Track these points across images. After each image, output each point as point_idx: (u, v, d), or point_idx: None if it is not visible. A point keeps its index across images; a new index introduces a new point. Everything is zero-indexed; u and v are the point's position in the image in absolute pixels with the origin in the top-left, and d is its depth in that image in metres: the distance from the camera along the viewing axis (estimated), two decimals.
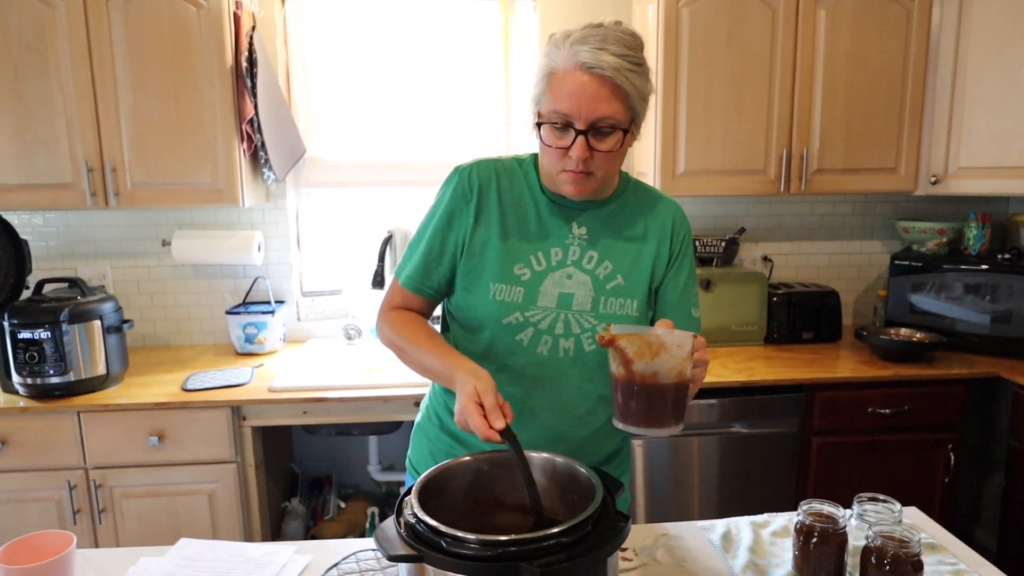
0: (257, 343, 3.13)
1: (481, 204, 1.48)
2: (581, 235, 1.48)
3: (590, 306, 1.46)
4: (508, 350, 1.47)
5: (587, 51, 1.28)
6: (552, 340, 1.46)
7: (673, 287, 1.54)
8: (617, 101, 1.31)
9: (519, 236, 1.47)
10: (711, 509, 2.84)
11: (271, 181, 3.07)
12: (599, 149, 1.33)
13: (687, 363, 1.19)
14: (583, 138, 1.31)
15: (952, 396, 2.81)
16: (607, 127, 1.32)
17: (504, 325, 1.45)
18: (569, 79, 1.30)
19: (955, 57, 2.89)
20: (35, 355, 2.55)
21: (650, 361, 1.17)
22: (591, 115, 1.30)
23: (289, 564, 1.45)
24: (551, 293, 1.45)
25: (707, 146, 2.94)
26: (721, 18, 2.85)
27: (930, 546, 1.47)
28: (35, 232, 3.20)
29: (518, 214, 1.48)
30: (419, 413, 1.72)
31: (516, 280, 1.45)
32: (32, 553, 1.25)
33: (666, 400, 1.20)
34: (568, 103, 1.30)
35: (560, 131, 1.34)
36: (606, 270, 1.48)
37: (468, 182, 1.48)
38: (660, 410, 1.20)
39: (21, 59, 2.67)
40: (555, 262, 1.47)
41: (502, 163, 1.53)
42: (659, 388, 1.18)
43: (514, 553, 0.95)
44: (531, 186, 1.50)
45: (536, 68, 1.39)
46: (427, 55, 3.26)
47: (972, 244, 3.16)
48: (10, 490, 2.60)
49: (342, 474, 3.47)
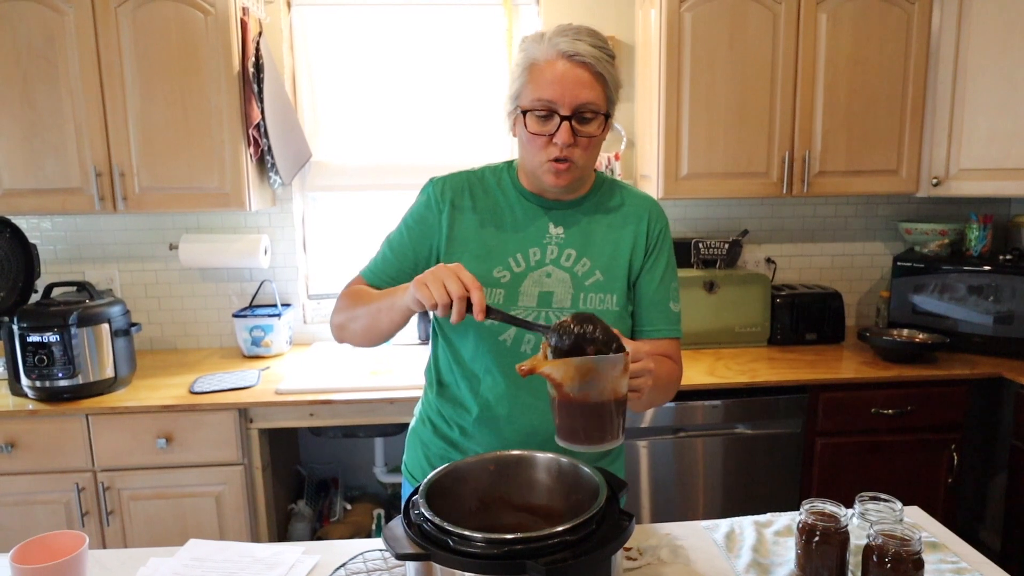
0: (264, 346, 3.15)
1: (454, 215, 1.51)
2: (558, 234, 1.51)
3: (570, 303, 1.48)
4: (493, 352, 1.49)
5: (566, 41, 1.35)
6: (534, 339, 1.48)
7: (649, 280, 1.56)
8: (598, 86, 1.37)
9: (496, 240, 1.50)
10: (715, 509, 2.85)
11: (277, 185, 3.09)
12: (582, 134, 1.38)
13: (621, 380, 1.17)
14: (567, 123, 1.36)
15: (955, 397, 2.82)
16: (589, 113, 1.37)
17: (487, 327, 1.47)
18: (551, 68, 1.35)
19: (955, 60, 2.91)
20: (44, 358, 2.57)
21: (581, 384, 1.15)
22: (575, 100, 1.35)
23: (297, 564, 1.46)
24: (531, 292, 1.48)
25: (710, 149, 2.95)
26: (723, 22, 2.87)
27: (931, 545, 1.48)
28: (44, 236, 3.23)
29: (494, 219, 1.52)
30: (413, 418, 1.72)
31: (496, 283, 1.48)
32: (44, 553, 1.26)
33: (603, 418, 1.18)
34: (552, 90, 1.35)
35: (544, 119, 1.38)
36: (584, 267, 1.50)
37: (441, 193, 1.53)
38: (599, 428, 1.18)
39: (31, 65, 2.70)
40: (534, 262, 1.49)
41: (474, 173, 1.57)
42: (594, 407, 1.16)
43: (520, 551, 0.96)
44: (505, 190, 1.54)
45: (513, 67, 1.44)
46: (431, 60, 3.28)
47: (974, 245, 3.17)
48: (19, 492, 2.62)
49: (348, 476, 3.48)
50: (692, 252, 3.23)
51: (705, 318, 3.13)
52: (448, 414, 1.58)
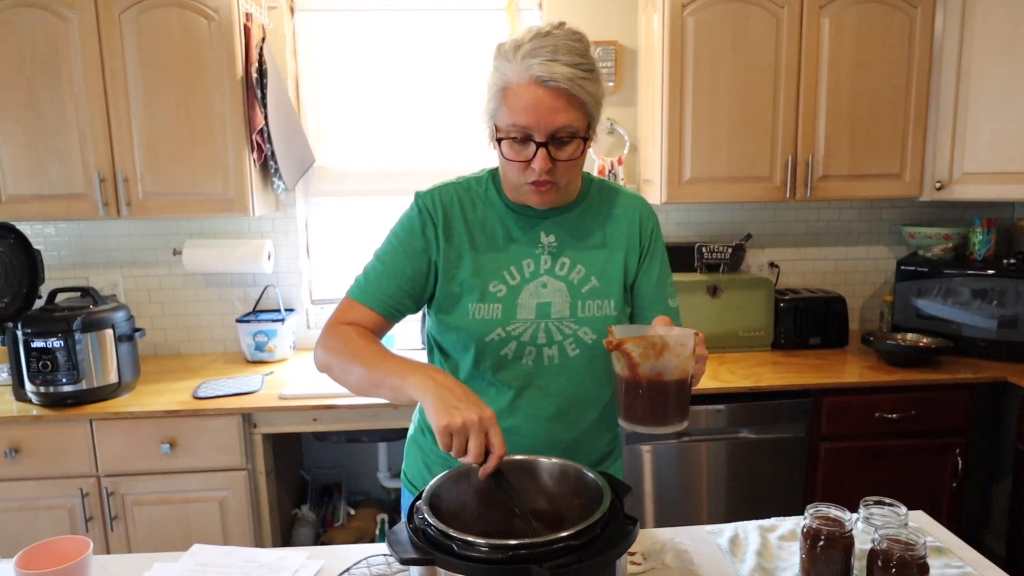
0: (267, 351, 3.16)
1: (448, 230, 1.48)
2: (550, 243, 1.49)
3: (568, 312, 1.47)
4: (494, 365, 1.48)
5: (539, 64, 1.27)
6: (536, 350, 1.47)
7: (647, 281, 1.56)
8: (574, 110, 1.31)
9: (490, 254, 1.48)
10: (719, 514, 2.85)
11: (281, 190, 3.10)
12: (560, 159, 1.34)
13: (690, 361, 1.21)
14: (544, 150, 1.32)
15: (959, 401, 2.82)
16: (566, 136, 1.32)
17: (487, 342, 1.46)
18: (524, 93, 1.29)
19: (958, 64, 2.90)
20: (48, 364, 2.58)
21: (655, 362, 1.19)
22: (549, 126, 1.30)
23: (301, 569, 1.46)
24: (529, 305, 1.46)
25: (713, 153, 2.95)
26: (726, 26, 2.87)
27: (936, 549, 1.48)
28: (47, 242, 3.23)
29: (485, 232, 1.49)
30: (411, 426, 1.70)
31: (493, 297, 1.46)
32: (49, 558, 1.26)
33: (669, 399, 1.22)
34: (526, 116, 1.30)
35: (520, 144, 1.34)
36: (579, 274, 1.49)
37: (432, 208, 1.49)
38: (664, 408, 1.22)
39: (35, 71, 2.70)
40: (528, 273, 1.47)
41: (461, 185, 1.53)
42: (663, 387, 1.21)
43: (524, 556, 0.97)
44: (493, 202, 1.51)
45: (488, 80, 1.38)
46: (434, 66, 3.29)
47: (977, 249, 3.16)
48: (23, 498, 2.63)
49: (352, 481, 3.48)
50: (695, 256, 3.23)
51: (708, 322, 3.12)
52: None
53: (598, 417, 1.57)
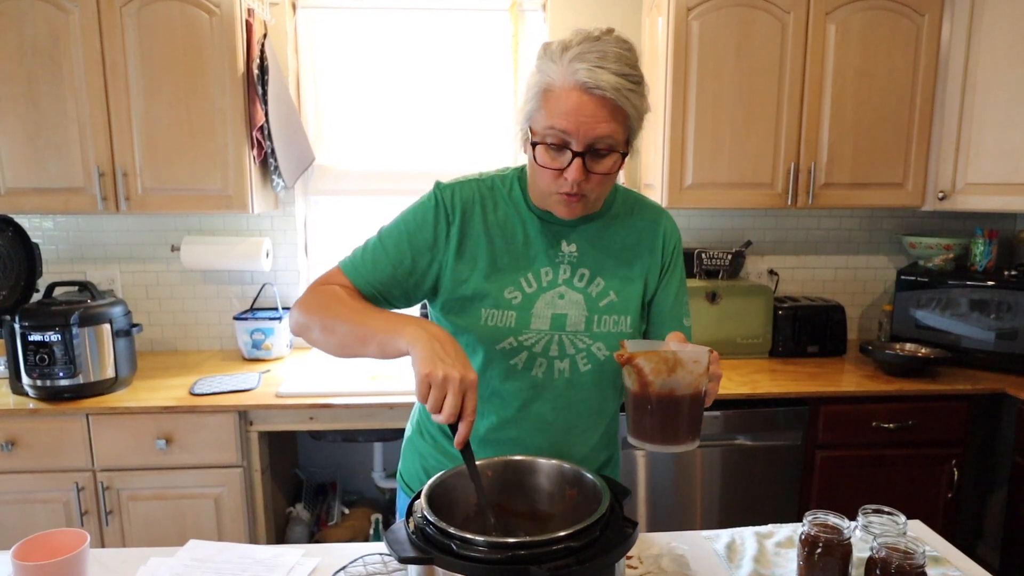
0: (264, 349, 3.15)
1: (465, 229, 1.42)
2: (571, 252, 1.44)
3: (584, 326, 1.43)
4: (502, 374, 1.44)
5: (586, 70, 1.21)
6: (547, 362, 1.43)
7: (665, 297, 1.53)
8: (615, 121, 1.25)
9: (507, 258, 1.42)
10: (713, 520, 2.84)
11: (280, 188, 3.09)
12: (595, 171, 1.28)
13: (703, 379, 1.19)
14: (579, 160, 1.25)
15: (956, 412, 2.81)
16: (604, 148, 1.26)
17: (498, 350, 1.41)
18: (566, 97, 1.23)
19: (964, 73, 2.90)
20: (45, 357, 2.57)
21: (667, 378, 1.17)
22: (589, 135, 1.24)
23: (297, 567, 1.45)
24: (544, 315, 1.41)
25: (715, 159, 2.95)
26: (730, 31, 2.86)
27: (933, 559, 1.48)
28: (46, 236, 3.23)
29: (504, 235, 1.43)
30: (408, 427, 1.66)
31: (508, 304, 1.40)
32: (46, 551, 1.25)
33: (681, 417, 1.19)
34: (565, 121, 1.23)
35: (556, 151, 1.27)
36: (598, 287, 1.45)
37: (451, 204, 1.42)
38: (675, 427, 1.20)
39: (35, 65, 2.70)
40: (546, 282, 1.42)
41: (484, 182, 1.46)
42: (675, 405, 1.18)
43: (523, 556, 0.96)
44: (516, 204, 1.45)
45: (529, 80, 1.32)
46: (437, 65, 3.29)
47: (978, 260, 3.17)
48: (18, 491, 2.62)
49: (346, 480, 3.47)
50: (695, 262, 3.23)
51: (707, 329, 3.12)
52: (449, 431, 1.54)
53: (603, 432, 1.55)
